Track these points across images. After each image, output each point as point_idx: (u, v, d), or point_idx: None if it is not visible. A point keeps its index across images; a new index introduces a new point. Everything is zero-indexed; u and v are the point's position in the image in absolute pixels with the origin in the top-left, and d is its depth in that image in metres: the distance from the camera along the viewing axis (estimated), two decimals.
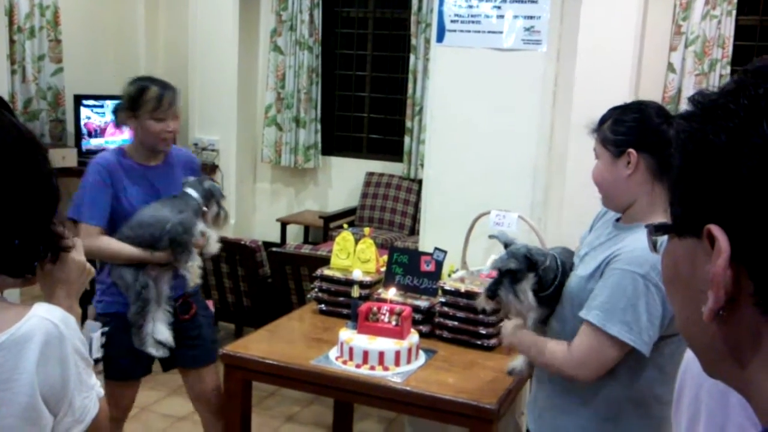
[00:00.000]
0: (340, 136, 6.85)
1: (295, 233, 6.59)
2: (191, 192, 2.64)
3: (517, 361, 2.11)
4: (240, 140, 6.47)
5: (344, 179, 6.67)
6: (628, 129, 1.81)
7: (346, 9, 6.67)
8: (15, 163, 1.09)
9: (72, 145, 5.96)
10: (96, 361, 2.53)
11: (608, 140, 1.83)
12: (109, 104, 6.02)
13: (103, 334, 2.55)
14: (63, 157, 5.51)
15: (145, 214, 2.58)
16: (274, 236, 6.31)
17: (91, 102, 6.00)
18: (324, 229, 6.05)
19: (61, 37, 5.95)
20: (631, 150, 1.79)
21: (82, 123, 5.95)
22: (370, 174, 6.46)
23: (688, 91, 5.45)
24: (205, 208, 2.65)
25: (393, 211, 6.26)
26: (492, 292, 1.93)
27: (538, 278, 1.89)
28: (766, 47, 5.51)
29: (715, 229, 0.58)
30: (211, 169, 6.22)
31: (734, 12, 5.32)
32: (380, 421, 3.79)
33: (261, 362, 2.48)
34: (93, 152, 5.97)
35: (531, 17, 3.02)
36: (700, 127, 0.60)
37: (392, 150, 6.56)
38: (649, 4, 5.36)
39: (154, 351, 2.56)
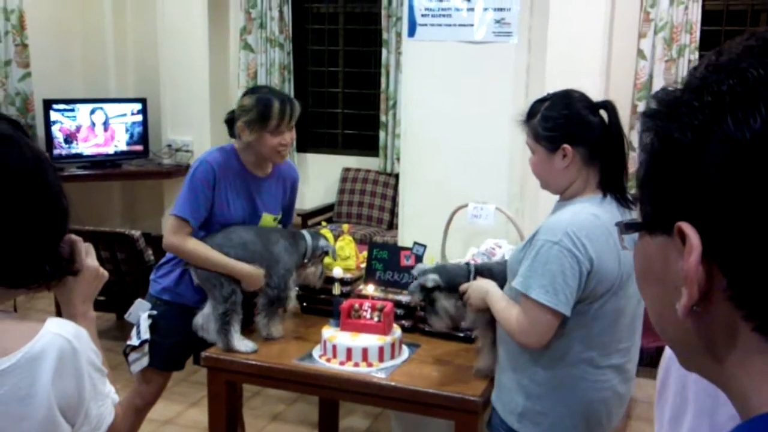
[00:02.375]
0: (314, 133, 6.84)
1: None
2: (307, 237, 2.66)
3: (482, 362, 2.30)
4: (214, 140, 6.42)
5: (321, 176, 6.66)
6: (559, 125, 1.94)
7: (316, 5, 6.64)
8: (27, 182, 1.13)
9: (43, 150, 5.87)
10: (142, 342, 2.56)
11: (541, 137, 1.97)
12: (79, 108, 5.97)
13: (150, 316, 2.57)
14: None
15: (251, 238, 2.57)
16: None
17: (61, 106, 5.92)
18: (302, 225, 6.03)
19: (28, 42, 5.86)
20: (565, 146, 1.93)
21: (54, 128, 5.87)
22: (347, 169, 6.45)
23: (659, 77, 5.51)
24: (306, 261, 2.66)
25: (371, 206, 6.26)
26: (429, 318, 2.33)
27: (447, 288, 2.24)
28: (732, 32, 5.58)
29: (686, 227, 0.57)
30: (185, 170, 6.17)
31: None
32: (366, 417, 3.81)
33: (244, 363, 2.47)
34: (65, 157, 5.91)
35: (501, 9, 3.03)
36: (665, 125, 0.60)
37: (367, 145, 6.56)
38: None
39: (243, 347, 2.51)
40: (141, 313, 2.60)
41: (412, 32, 3.17)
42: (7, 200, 1.11)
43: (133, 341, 2.60)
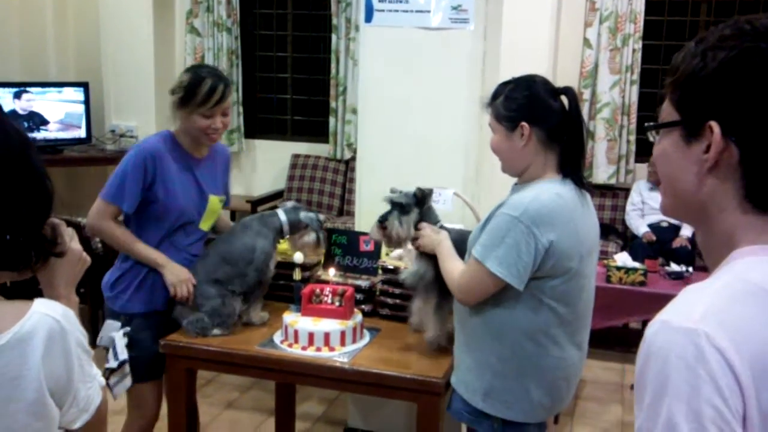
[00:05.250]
0: (263, 119, 6.77)
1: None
2: (281, 216, 2.62)
3: (431, 332, 2.38)
4: (159, 126, 6.26)
5: (270, 162, 6.60)
6: (520, 105, 2.01)
7: None
8: (12, 163, 1.11)
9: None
10: (122, 363, 2.43)
11: (501, 116, 2.04)
12: (10, 92, 5.76)
13: (125, 334, 2.45)
14: None
15: (224, 247, 2.55)
16: None
17: None
18: (252, 212, 5.98)
19: None
20: (523, 123, 2.00)
21: None
22: (296, 156, 6.41)
23: (604, 65, 5.63)
24: (287, 236, 2.64)
25: (321, 193, 6.24)
26: (382, 220, 2.33)
27: (421, 217, 2.32)
28: (674, 21, 5.74)
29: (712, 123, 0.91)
30: None
31: None
32: (322, 402, 3.81)
33: (204, 350, 2.45)
34: None
35: None
36: (753, 43, 0.89)
37: (317, 131, 6.52)
38: None
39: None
40: (112, 333, 2.48)
41: (369, 18, 3.16)
42: None
43: (111, 364, 2.46)
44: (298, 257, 2.66)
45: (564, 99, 2.03)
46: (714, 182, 0.93)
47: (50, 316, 1.11)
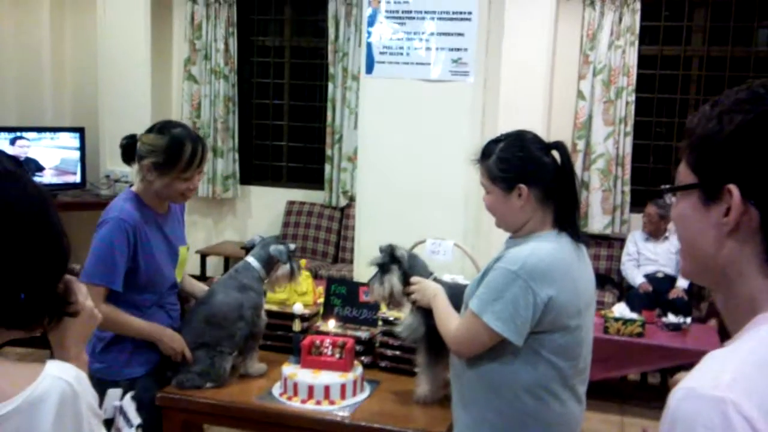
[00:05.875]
0: (258, 165, 6.78)
1: (215, 265, 6.45)
2: (252, 263, 2.58)
3: (422, 388, 2.37)
4: None
5: (264, 208, 6.59)
6: (515, 166, 1.99)
7: (262, 38, 6.64)
8: (29, 219, 1.10)
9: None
10: (137, 427, 2.34)
11: (497, 177, 2.01)
12: (12, 137, 5.77)
13: (132, 398, 2.36)
14: None
15: (216, 303, 2.49)
16: (194, 269, 6.15)
17: None
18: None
19: None
20: (521, 185, 1.98)
21: None
22: (291, 203, 6.41)
23: (598, 117, 5.70)
24: (266, 278, 2.59)
25: (315, 240, 6.22)
26: (372, 283, 2.36)
27: (403, 271, 2.33)
28: (666, 75, 5.83)
29: (731, 186, 0.91)
30: None
31: (636, 42, 5.62)
32: None
33: (202, 402, 2.40)
34: None
35: (458, 49, 3.10)
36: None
37: (313, 178, 6.54)
38: (558, 35, 5.60)
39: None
40: (116, 402, 2.41)
41: (370, 69, 3.20)
42: (8, 237, 1.08)
43: (127, 431, 2.35)
44: (298, 308, 2.64)
45: (555, 154, 2.03)
46: (734, 246, 0.93)
47: (63, 379, 1.08)
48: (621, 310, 4.39)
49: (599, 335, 4.21)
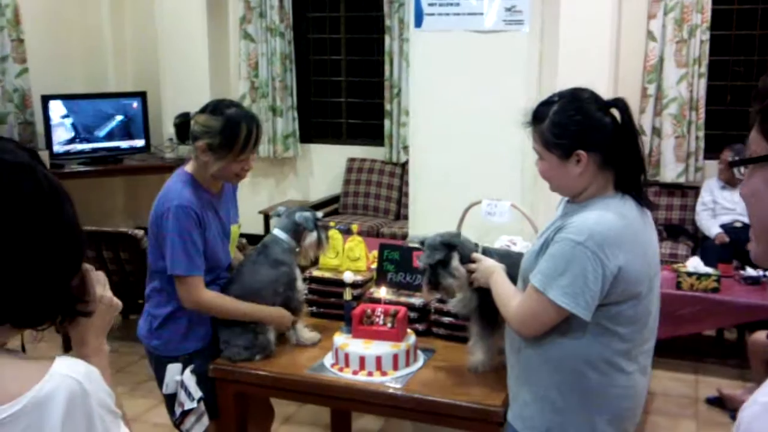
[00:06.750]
0: (318, 123, 6.72)
1: None
2: (279, 235, 2.50)
3: (476, 357, 2.28)
4: None
5: (325, 167, 6.55)
6: (571, 132, 1.83)
7: None
8: (42, 213, 1.06)
9: (43, 147, 5.78)
10: (200, 400, 2.38)
11: (552, 144, 1.85)
12: (79, 103, 5.86)
13: (192, 372, 2.39)
14: None
15: (246, 281, 2.44)
16: (258, 229, 6.19)
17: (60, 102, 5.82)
18: None
19: (24, 37, 5.75)
20: (579, 151, 1.82)
21: (53, 124, 5.77)
22: (352, 160, 6.35)
23: (670, 59, 5.37)
24: (297, 248, 2.51)
25: (377, 197, 6.16)
26: (434, 284, 2.20)
27: (459, 254, 2.18)
28: (744, 10, 5.44)
29: None
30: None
31: None
32: (378, 418, 3.72)
33: (254, 374, 2.38)
34: (65, 154, 5.81)
35: None
36: None
37: (372, 134, 6.44)
38: None
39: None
40: (177, 377, 2.40)
41: (419, 22, 3.05)
42: (19, 230, 1.03)
43: (188, 405, 2.37)
44: (348, 276, 2.57)
45: (615, 112, 1.87)
46: None
47: (71, 377, 1.03)
48: (695, 264, 4.17)
49: (671, 291, 4.02)
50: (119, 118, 6.08)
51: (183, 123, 2.39)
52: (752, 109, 0.87)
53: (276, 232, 2.52)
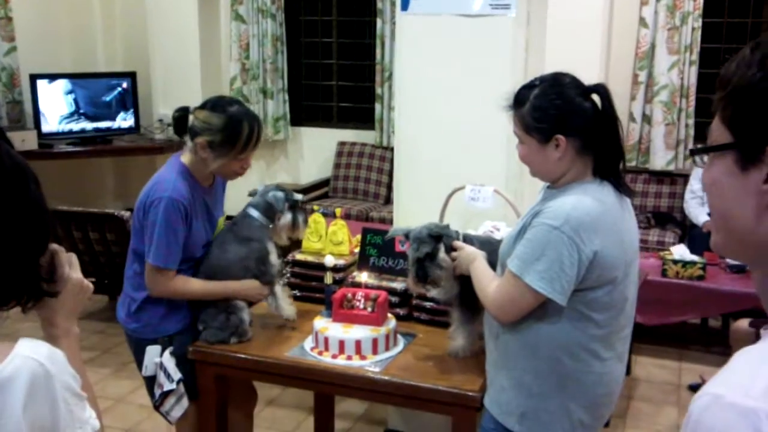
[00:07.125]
0: (309, 106, 6.69)
1: None
2: (251, 212, 2.47)
3: (457, 342, 2.29)
4: None
5: (316, 150, 6.53)
6: (551, 116, 1.83)
7: None
8: (4, 192, 1.04)
9: (31, 126, 5.74)
10: (179, 382, 2.37)
11: (531, 127, 1.86)
12: (67, 83, 5.81)
13: (171, 354, 2.39)
14: (23, 140, 5.31)
15: (214, 259, 2.42)
16: None
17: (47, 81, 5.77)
18: None
19: (12, 15, 5.69)
20: (559, 136, 1.83)
21: (41, 104, 5.73)
22: (342, 143, 6.33)
23: (661, 46, 5.36)
24: (271, 225, 2.48)
25: (367, 181, 6.15)
26: (422, 278, 2.17)
27: (444, 244, 2.17)
28: None
29: None
30: (177, 146, 6.04)
31: None
32: (362, 401, 3.73)
33: (233, 357, 2.38)
34: (54, 134, 5.77)
35: None
36: None
37: (363, 118, 6.42)
38: None
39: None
40: (156, 359, 2.40)
41: (405, 5, 3.03)
42: None
43: (167, 387, 2.38)
44: (329, 260, 2.57)
45: (596, 98, 1.87)
46: None
47: (33, 358, 1.02)
48: (681, 251, 4.18)
49: (657, 279, 4.03)
50: (117, 90, 6.04)
51: (182, 117, 2.38)
52: (715, 97, 0.86)
53: (248, 209, 2.50)
